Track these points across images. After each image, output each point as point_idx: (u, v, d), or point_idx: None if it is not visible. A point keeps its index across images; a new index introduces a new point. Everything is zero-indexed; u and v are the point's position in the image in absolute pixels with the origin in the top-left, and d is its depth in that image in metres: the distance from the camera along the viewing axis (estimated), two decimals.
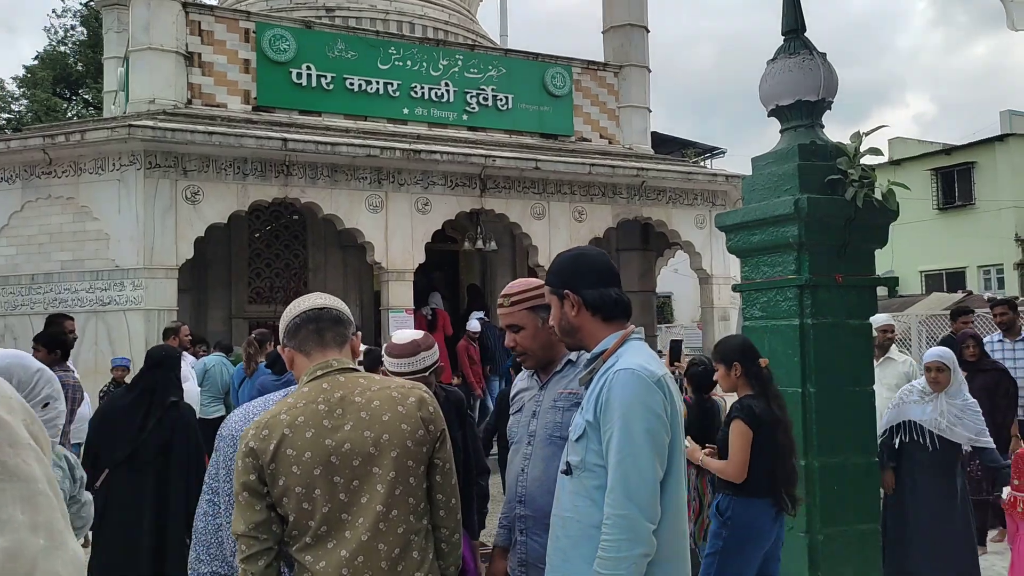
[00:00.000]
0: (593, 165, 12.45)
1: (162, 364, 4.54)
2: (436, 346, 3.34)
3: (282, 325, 2.26)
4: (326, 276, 13.24)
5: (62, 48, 29.16)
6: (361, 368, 2.30)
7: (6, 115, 26.23)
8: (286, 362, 2.28)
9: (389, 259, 11.28)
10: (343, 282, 13.33)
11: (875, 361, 5.98)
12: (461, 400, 3.60)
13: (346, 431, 2.06)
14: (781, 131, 4.47)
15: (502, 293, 2.81)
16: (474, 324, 11.99)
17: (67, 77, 28.43)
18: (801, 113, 4.35)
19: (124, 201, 9.90)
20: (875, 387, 4.31)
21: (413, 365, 3.34)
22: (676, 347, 7.00)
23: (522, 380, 2.93)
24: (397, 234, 11.32)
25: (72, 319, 7.26)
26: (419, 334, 3.40)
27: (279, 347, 2.32)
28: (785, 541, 3.91)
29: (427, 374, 3.33)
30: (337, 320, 2.24)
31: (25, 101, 27.82)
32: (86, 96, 27.59)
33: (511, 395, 2.96)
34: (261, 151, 10.35)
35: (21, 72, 28.78)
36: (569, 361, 2.75)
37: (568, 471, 2.24)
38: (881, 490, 4.56)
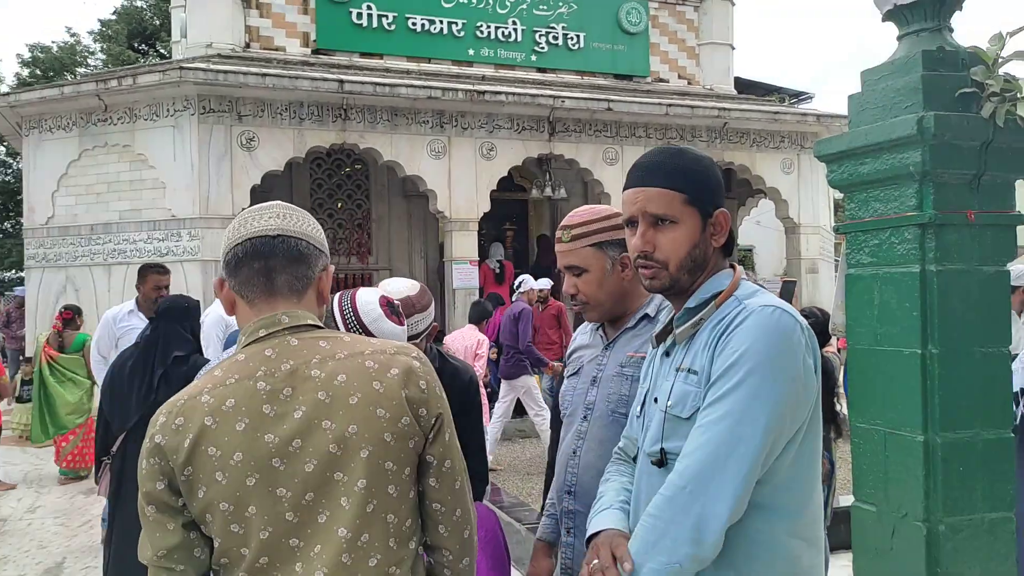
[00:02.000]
0: (670, 106, 11.60)
1: (167, 315, 4.07)
2: (432, 307, 2.60)
3: (222, 249, 1.62)
4: (390, 226, 12.83)
5: (138, 2, 29.31)
6: (333, 327, 1.70)
7: (82, 70, 26.55)
8: (224, 305, 1.64)
9: (452, 208, 10.74)
10: (407, 233, 12.90)
11: (1016, 320, 5.13)
12: (471, 382, 2.67)
13: (296, 421, 1.47)
14: (899, 38, 3.67)
15: (561, 224, 2.19)
16: (543, 282, 10.90)
17: (142, 31, 28.59)
18: (925, 13, 3.55)
19: (179, 148, 9.59)
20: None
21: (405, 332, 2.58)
22: (789, 289, 6.02)
23: (582, 334, 2.33)
24: (461, 181, 10.76)
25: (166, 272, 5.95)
26: (414, 287, 2.55)
27: (215, 282, 1.69)
28: (898, 531, 3.25)
29: (417, 340, 2.55)
30: (295, 256, 1.56)
31: (101, 56, 28.12)
32: (160, 50, 27.72)
33: (567, 353, 2.36)
34: (317, 94, 9.88)
35: (97, 27, 29.08)
36: (646, 316, 2.14)
37: (662, 461, 1.60)
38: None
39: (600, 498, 1.77)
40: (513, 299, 9.11)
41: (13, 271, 26.88)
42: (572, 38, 12.45)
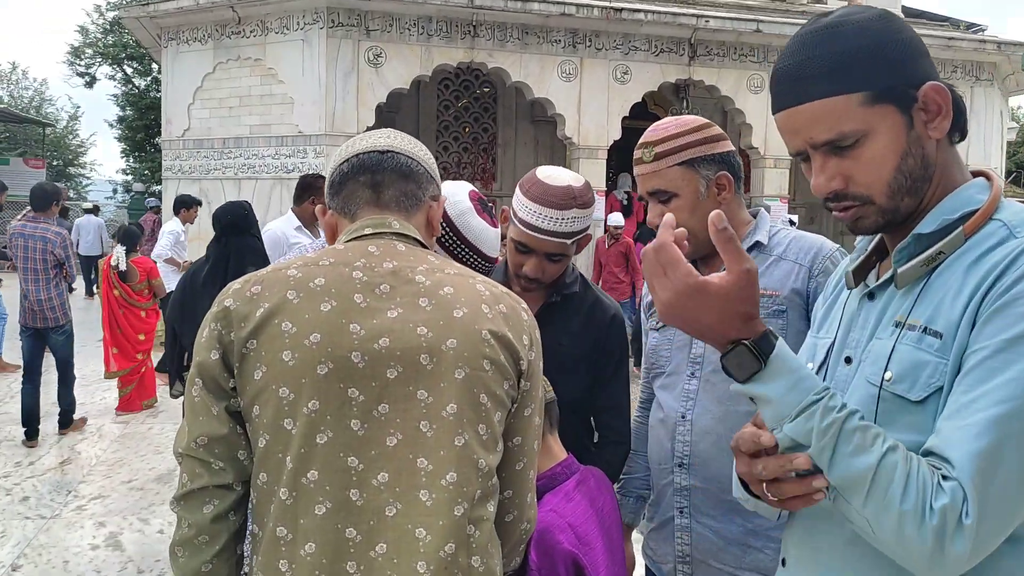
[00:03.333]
0: None
1: (235, 227, 3.85)
2: (593, 210, 2.03)
3: (328, 173, 1.47)
4: (516, 152, 12.46)
5: None
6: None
7: None
8: (326, 233, 1.47)
9: (581, 134, 10.24)
10: (533, 159, 12.49)
11: None
12: (614, 320, 2.08)
13: (388, 319, 1.26)
14: None
15: (640, 141, 1.78)
16: (614, 217, 9.61)
17: None
18: None
19: (307, 63, 9.48)
20: None
21: (557, 223, 1.90)
22: None
23: None
24: (591, 106, 10.21)
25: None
26: (578, 179, 1.97)
27: (317, 209, 1.51)
28: None
29: (570, 244, 1.95)
30: (404, 172, 1.41)
31: None
32: None
33: (649, 300, 1.95)
34: (447, 8, 9.51)
35: None
36: (757, 244, 1.73)
37: None
38: None
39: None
40: None
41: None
42: None
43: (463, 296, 1.30)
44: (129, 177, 28.86)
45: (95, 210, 16.12)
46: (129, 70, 24.97)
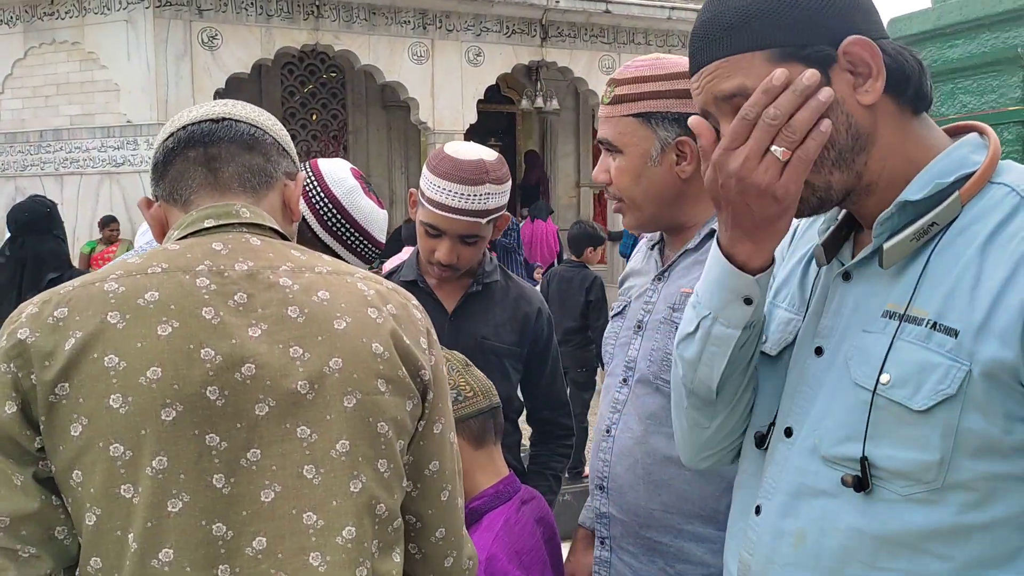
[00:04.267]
0: (673, 9, 10.76)
1: (33, 226, 3.36)
2: (509, 187, 1.87)
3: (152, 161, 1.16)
4: (368, 139, 11.99)
5: None
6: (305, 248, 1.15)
7: None
8: (153, 228, 1.15)
9: (436, 118, 9.94)
10: (387, 146, 12.09)
11: None
12: (540, 312, 1.92)
13: (251, 339, 0.98)
14: None
15: (610, 77, 1.51)
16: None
17: None
18: None
19: (133, 46, 8.68)
20: None
21: (468, 200, 1.73)
22: None
23: (638, 254, 1.66)
24: (445, 89, 9.93)
25: None
26: (491, 153, 1.84)
27: (140, 201, 1.17)
28: None
29: (484, 223, 1.78)
30: (249, 142, 1.11)
31: None
32: None
33: (619, 280, 1.71)
34: None
35: None
36: (712, 232, 1.45)
37: (863, 482, 0.89)
38: None
39: None
40: None
41: None
42: None
43: (343, 300, 1.03)
44: None
45: None
46: None
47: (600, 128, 1.50)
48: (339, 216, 1.58)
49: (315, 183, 1.60)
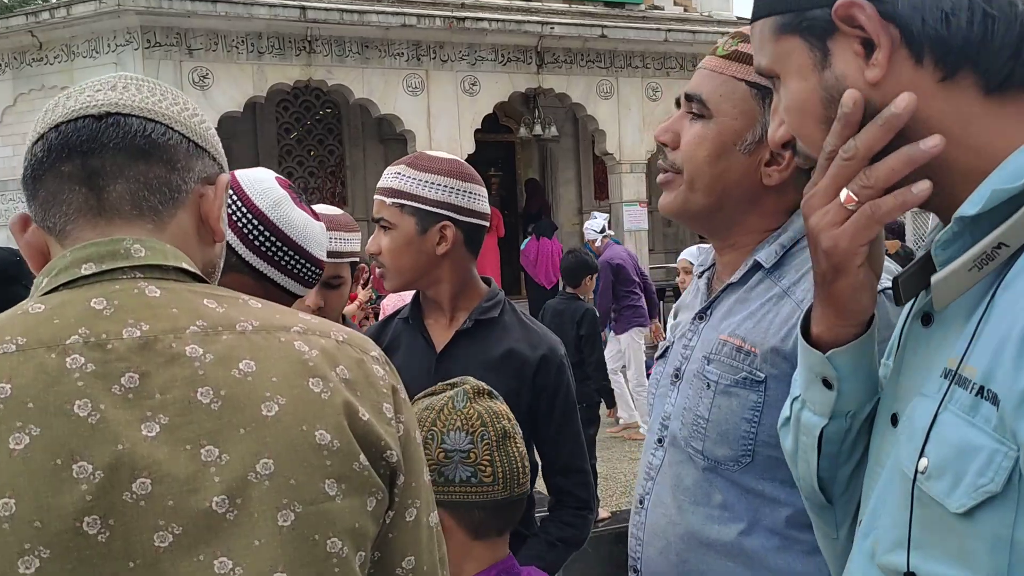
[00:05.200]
0: (669, 31, 10.64)
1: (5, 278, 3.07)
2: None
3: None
4: (366, 174, 11.81)
5: None
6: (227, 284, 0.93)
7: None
8: (30, 259, 0.85)
9: (433, 149, 9.74)
10: None
11: None
12: (552, 354, 1.65)
13: (144, 441, 0.71)
14: None
15: (738, 30, 1.25)
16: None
17: None
18: None
19: None
20: None
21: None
22: None
23: (690, 289, 1.39)
24: (441, 120, 9.78)
25: None
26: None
27: (12, 222, 0.86)
28: None
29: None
30: (144, 146, 0.81)
31: None
32: None
33: (672, 312, 1.51)
34: (277, 23, 8.84)
35: None
36: (756, 265, 1.18)
37: None
38: None
39: None
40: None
41: None
42: None
43: (274, 372, 0.76)
44: None
45: None
46: None
47: (693, 80, 1.22)
48: (268, 233, 1.33)
49: (235, 197, 1.35)
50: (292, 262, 1.35)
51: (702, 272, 1.30)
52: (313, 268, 1.40)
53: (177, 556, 0.69)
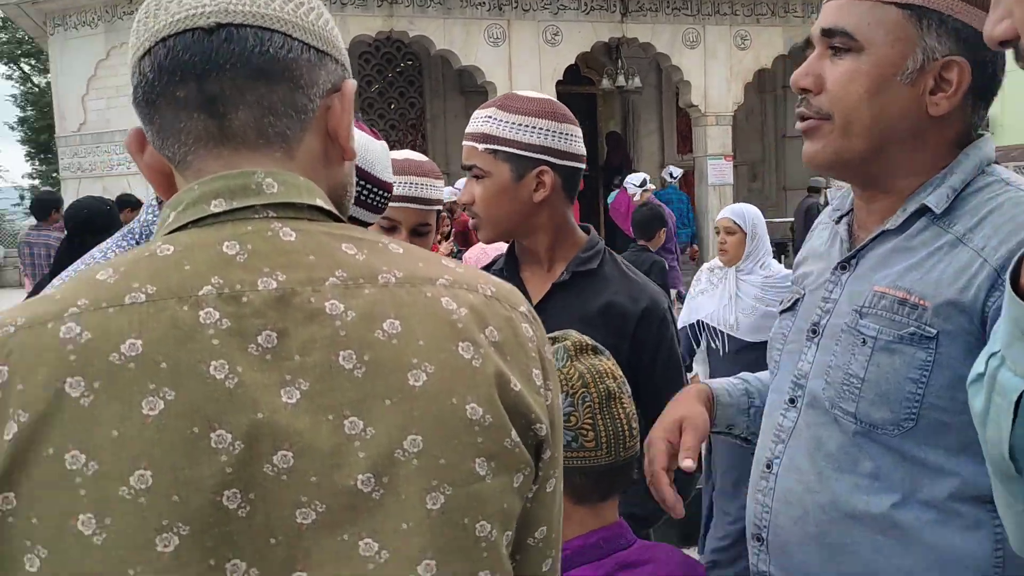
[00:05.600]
0: None
1: (91, 224, 3.12)
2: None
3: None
4: (446, 126, 11.81)
5: None
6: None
7: None
8: (152, 182, 0.77)
9: None
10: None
11: None
12: (654, 309, 1.53)
13: (284, 408, 0.63)
14: None
15: None
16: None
17: None
18: None
19: None
20: None
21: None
22: None
23: (817, 231, 1.26)
24: (523, 71, 9.65)
25: None
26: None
27: (129, 136, 0.76)
28: None
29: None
30: (263, 65, 0.69)
31: None
32: None
33: (794, 264, 1.33)
34: None
35: None
36: (923, 209, 1.05)
37: None
38: None
39: None
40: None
41: None
42: None
43: (421, 335, 0.68)
44: (36, 181, 27.28)
45: None
46: (27, 67, 23.47)
47: (829, 14, 1.09)
48: None
49: None
50: (357, 188, 1.27)
51: (840, 217, 1.19)
52: (380, 192, 1.33)
53: (320, 534, 0.64)
